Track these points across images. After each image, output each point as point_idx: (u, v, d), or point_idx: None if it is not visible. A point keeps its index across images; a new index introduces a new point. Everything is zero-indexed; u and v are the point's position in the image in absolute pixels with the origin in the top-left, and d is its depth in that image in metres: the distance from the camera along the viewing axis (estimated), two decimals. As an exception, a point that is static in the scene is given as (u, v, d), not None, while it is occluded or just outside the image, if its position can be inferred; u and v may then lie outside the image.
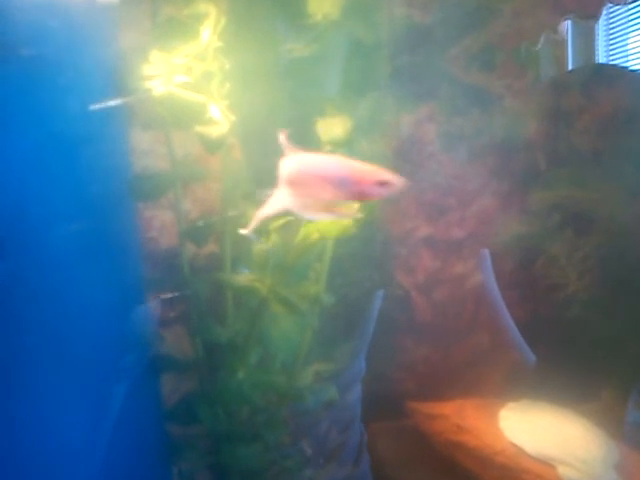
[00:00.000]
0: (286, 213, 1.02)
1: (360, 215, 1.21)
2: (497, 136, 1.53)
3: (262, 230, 1.32)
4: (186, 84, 1.28)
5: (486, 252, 1.58)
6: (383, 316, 1.56)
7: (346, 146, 1.37)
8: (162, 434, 1.45)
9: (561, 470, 1.31)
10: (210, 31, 1.26)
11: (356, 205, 1.02)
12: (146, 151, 1.41)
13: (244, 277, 1.33)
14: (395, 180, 0.91)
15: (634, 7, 2.65)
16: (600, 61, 1.79)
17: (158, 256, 1.46)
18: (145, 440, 1.40)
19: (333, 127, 1.36)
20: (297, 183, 0.97)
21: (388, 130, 1.52)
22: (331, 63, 1.42)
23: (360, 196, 0.93)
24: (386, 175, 0.91)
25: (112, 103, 1.26)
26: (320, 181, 0.94)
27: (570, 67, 1.65)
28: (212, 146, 1.32)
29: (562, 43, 1.63)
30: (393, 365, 1.59)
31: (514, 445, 1.38)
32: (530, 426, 1.43)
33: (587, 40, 1.69)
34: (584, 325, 1.55)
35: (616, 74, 1.63)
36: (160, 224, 1.46)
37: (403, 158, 1.53)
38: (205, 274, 1.42)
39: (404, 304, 1.59)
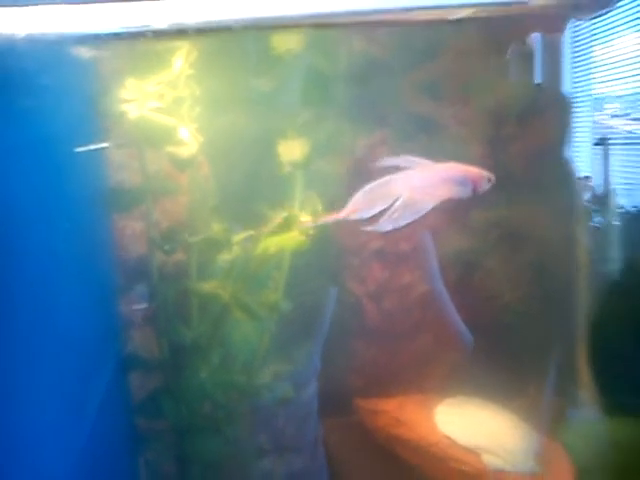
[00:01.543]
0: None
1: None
2: (443, 160, 1.68)
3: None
4: (158, 108, 1.40)
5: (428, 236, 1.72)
6: (337, 322, 1.70)
7: (305, 166, 1.52)
8: (130, 427, 1.57)
9: (486, 458, 1.48)
10: (182, 62, 1.39)
11: None
12: (121, 166, 1.52)
13: (208, 285, 1.46)
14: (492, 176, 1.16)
15: (597, 21, 2.81)
16: (562, 75, 1.94)
17: (129, 263, 1.57)
18: (114, 432, 1.50)
19: (293, 149, 1.50)
20: (424, 186, 1.21)
21: (344, 152, 1.67)
22: (294, 90, 1.56)
23: (474, 191, 1.18)
24: (486, 172, 1.17)
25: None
26: (445, 182, 1.20)
27: (539, 79, 1.81)
28: (181, 165, 1.45)
29: (531, 55, 1.78)
30: (344, 366, 1.73)
31: (447, 437, 1.55)
32: (462, 420, 1.59)
33: (554, 53, 1.84)
34: (516, 331, 1.72)
35: (550, 100, 1.80)
36: (131, 233, 1.57)
37: (358, 178, 1.67)
38: (173, 281, 1.54)
39: (356, 311, 1.74)
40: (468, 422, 1.58)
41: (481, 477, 1.47)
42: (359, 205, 1.23)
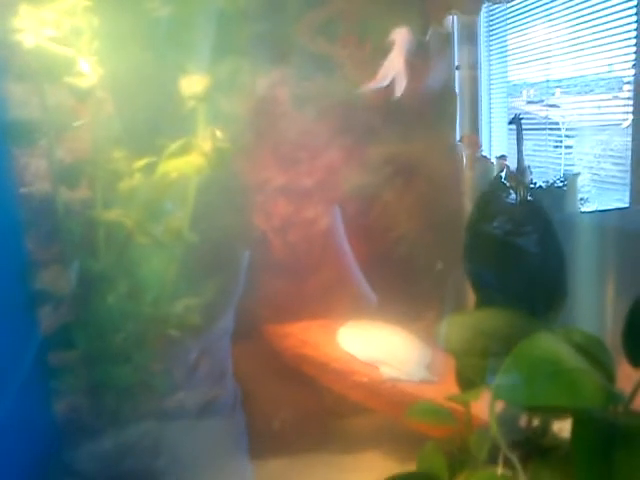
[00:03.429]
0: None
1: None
2: (339, 98, 1.78)
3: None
4: (56, 38, 1.42)
5: (336, 206, 1.83)
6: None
7: (206, 101, 1.57)
8: (42, 361, 1.58)
9: (383, 369, 1.60)
10: (79, -11, 1.40)
11: None
12: (21, 101, 1.52)
13: (112, 213, 1.49)
14: None
15: (513, 9, 2.97)
16: (481, 56, 2.08)
17: (34, 200, 1.58)
18: (26, 368, 1.51)
19: (193, 84, 1.55)
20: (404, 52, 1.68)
21: (245, 90, 1.73)
22: (195, 27, 1.60)
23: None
24: None
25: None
26: (409, 43, 1.67)
27: (456, 59, 1.93)
28: (81, 95, 1.47)
29: (448, 36, 1.90)
30: (252, 297, 1.80)
31: (348, 353, 1.66)
32: (362, 338, 1.70)
33: (470, 35, 1.97)
34: (412, 260, 1.85)
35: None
36: (35, 170, 1.58)
37: (259, 116, 1.74)
38: (78, 214, 1.56)
39: (262, 245, 1.81)
40: (367, 340, 1.70)
41: (379, 387, 1.58)
42: (381, 78, 1.69)
